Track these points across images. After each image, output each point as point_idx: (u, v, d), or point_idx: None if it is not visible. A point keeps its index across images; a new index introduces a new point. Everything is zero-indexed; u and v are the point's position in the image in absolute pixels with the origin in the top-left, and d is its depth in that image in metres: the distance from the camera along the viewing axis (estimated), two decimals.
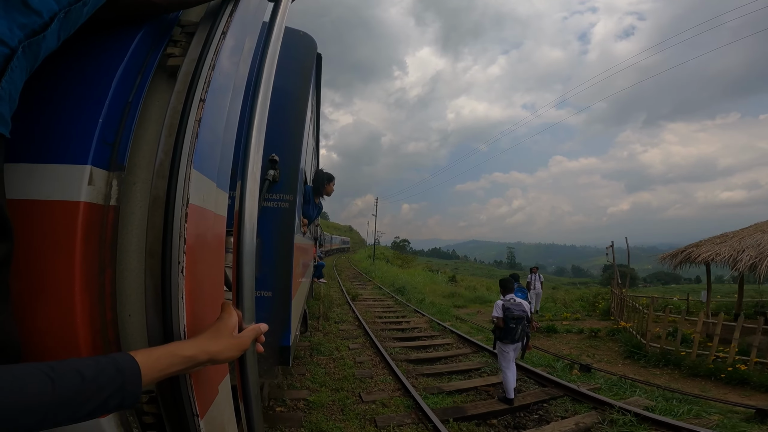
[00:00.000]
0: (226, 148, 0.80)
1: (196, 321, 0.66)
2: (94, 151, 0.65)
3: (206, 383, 0.75)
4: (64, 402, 0.44)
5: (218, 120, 0.78)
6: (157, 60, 0.78)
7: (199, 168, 0.68)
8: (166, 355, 0.55)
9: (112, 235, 0.65)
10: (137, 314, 0.68)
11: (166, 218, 0.62)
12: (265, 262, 1.58)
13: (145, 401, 0.73)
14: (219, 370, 0.81)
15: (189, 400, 0.69)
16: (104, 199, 0.65)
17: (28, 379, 0.42)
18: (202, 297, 0.71)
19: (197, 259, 0.67)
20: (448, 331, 7.95)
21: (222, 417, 0.82)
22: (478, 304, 13.70)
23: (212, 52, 0.76)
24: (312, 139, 3.15)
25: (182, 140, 0.66)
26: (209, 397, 0.76)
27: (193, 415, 0.70)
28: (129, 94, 0.73)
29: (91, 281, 0.63)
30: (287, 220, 1.73)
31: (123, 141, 0.69)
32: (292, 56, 1.79)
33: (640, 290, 28.09)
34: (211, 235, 0.73)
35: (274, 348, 1.74)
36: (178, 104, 0.71)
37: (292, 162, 1.75)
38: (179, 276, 0.62)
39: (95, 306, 0.64)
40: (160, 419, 0.74)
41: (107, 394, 0.47)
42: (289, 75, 1.74)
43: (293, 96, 1.77)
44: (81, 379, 0.45)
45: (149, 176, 0.67)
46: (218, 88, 0.78)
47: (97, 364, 0.48)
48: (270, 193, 1.63)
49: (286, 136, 1.72)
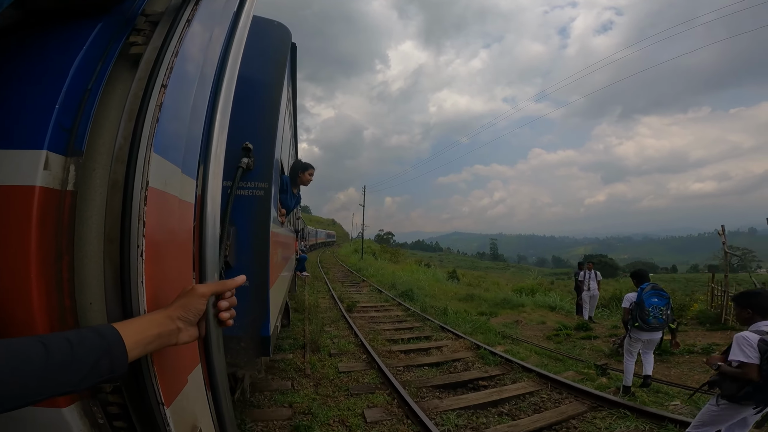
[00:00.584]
0: (194, 136, 0.80)
1: (158, 306, 0.66)
2: (50, 137, 0.64)
3: (173, 372, 0.74)
4: (59, 367, 0.46)
5: (183, 107, 0.78)
6: (119, 48, 0.77)
7: (161, 152, 0.68)
8: (136, 320, 0.59)
9: (70, 221, 0.64)
10: (98, 302, 0.67)
11: (125, 202, 0.62)
12: (241, 251, 1.56)
13: (109, 391, 0.72)
14: (188, 359, 0.80)
15: (153, 388, 0.68)
16: (61, 184, 0.64)
17: (24, 347, 0.44)
18: (166, 282, 0.70)
19: (159, 242, 0.67)
20: (517, 368, 4.59)
21: (193, 408, 0.80)
22: (508, 308, 10.07)
23: (176, 38, 0.76)
24: (289, 129, 3.15)
25: (142, 124, 0.66)
26: (176, 387, 0.75)
27: (157, 404, 0.69)
28: (88, 81, 0.72)
29: (48, 268, 0.62)
30: (263, 207, 1.73)
31: (81, 127, 0.68)
32: (266, 46, 1.79)
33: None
34: (175, 221, 0.72)
35: (254, 338, 1.73)
36: (139, 90, 0.71)
37: (266, 150, 1.75)
38: (138, 260, 0.61)
39: (53, 293, 0.63)
40: (125, 409, 0.73)
41: (95, 357, 0.50)
42: (263, 64, 1.74)
43: (267, 85, 1.78)
44: (69, 344, 0.48)
45: (108, 161, 0.67)
46: (183, 75, 0.78)
47: (79, 332, 0.51)
48: (244, 182, 1.62)
49: (259, 125, 1.72)
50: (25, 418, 0.66)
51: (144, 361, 0.66)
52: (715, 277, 8.60)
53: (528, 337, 7.05)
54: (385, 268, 19.91)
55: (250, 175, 1.59)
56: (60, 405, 0.66)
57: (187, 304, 0.63)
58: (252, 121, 1.66)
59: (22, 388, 0.43)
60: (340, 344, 5.66)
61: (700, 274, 24.34)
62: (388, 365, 4.67)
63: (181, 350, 0.77)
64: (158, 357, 0.69)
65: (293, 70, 2.60)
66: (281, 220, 2.66)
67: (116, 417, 0.74)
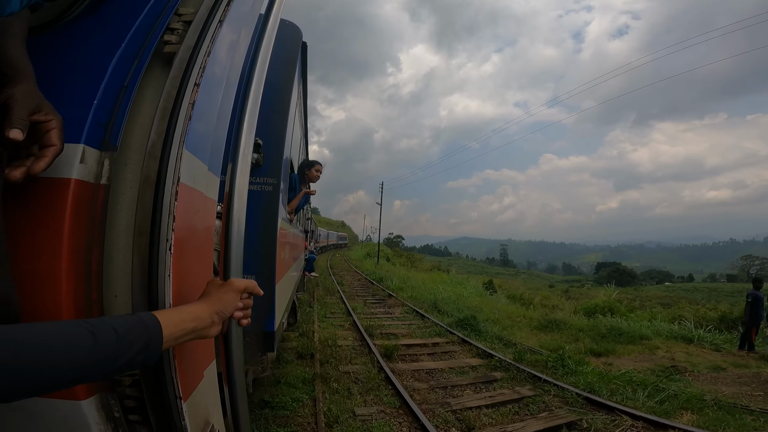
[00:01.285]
0: (219, 134, 0.81)
1: (182, 301, 0.67)
2: (87, 131, 0.66)
3: (191, 366, 0.75)
4: (102, 357, 0.46)
5: (212, 106, 0.79)
6: (153, 47, 0.79)
7: (191, 149, 0.70)
8: (177, 311, 0.59)
9: (102, 214, 0.66)
10: (123, 295, 0.68)
11: (156, 196, 0.63)
12: (249, 245, 1.58)
13: (128, 384, 0.72)
14: (205, 354, 0.80)
15: (172, 381, 0.68)
16: (95, 177, 0.66)
17: (75, 335, 0.45)
18: (189, 278, 0.71)
19: (185, 238, 0.68)
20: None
21: (206, 402, 0.81)
22: (623, 342, 6.76)
23: (209, 38, 0.77)
24: (299, 129, 3.19)
25: (175, 121, 0.67)
26: (193, 381, 0.76)
27: (176, 398, 0.70)
28: (125, 78, 0.74)
29: (78, 259, 0.63)
30: (271, 203, 1.75)
31: (116, 123, 0.70)
32: (277, 45, 1.84)
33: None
34: (200, 216, 0.74)
35: (258, 334, 1.73)
36: (173, 89, 0.73)
37: (275, 147, 1.78)
38: (167, 254, 0.62)
39: (81, 285, 0.64)
40: (142, 403, 0.73)
41: (135, 350, 0.50)
42: (273, 63, 1.78)
43: (277, 83, 1.82)
44: (116, 334, 0.48)
45: (141, 157, 0.68)
46: (213, 75, 0.79)
47: (126, 321, 0.51)
48: (253, 177, 1.65)
49: (269, 122, 1.75)
50: (42, 410, 0.67)
51: (166, 355, 0.67)
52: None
53: (737, 398, 3.89)
54: (410, 277, 15.50)
55: (259, 171, 1.62)
56: (79, 398, 0.67)
57: (224, 299, 0.64)
58: (262, 118, 1.68)
59: (62, 375, 0.43)
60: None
61: (721, 284, 23.70)
62: None
63: (198, 345, 0.78)
64: (179, 351, 0.70)
65: (304, 69, 2.64)
66: (290, 218, 2.68)
67: (132, 411, 0.74)
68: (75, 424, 0.69)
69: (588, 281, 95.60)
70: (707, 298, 16.77)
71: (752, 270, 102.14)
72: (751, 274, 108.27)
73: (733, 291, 14.44)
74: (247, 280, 0.68)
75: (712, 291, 27.06)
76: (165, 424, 0.73)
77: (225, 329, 0.71)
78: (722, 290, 17.02)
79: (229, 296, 0.65)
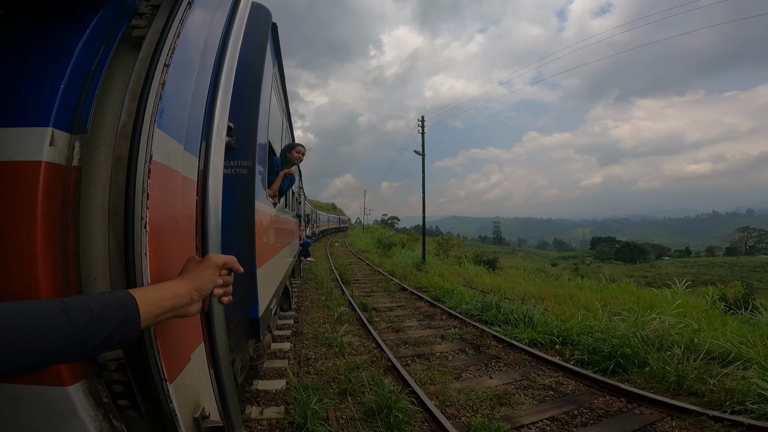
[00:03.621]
0: (196, 115, 0.81)
1: (161, 279, 0.66)
2: (55, 115, 0.66)
3: (175, 348, 0.74)
4: (77, 335, 0.46)
5: (185, 87, 0.79)
6: (121, 32, 0.79)
7: (164, 128, 0.69)
8: (155, 289, 0.58)
9: (75, 196, 0.65)
10: (102, 277, 0.68)
11: (129, 175, 0.63)
12: (227, 229, 1.57)
13: (113, 369, 0.72)
14: (191, 336, 0.80)
15: (156, 362, 0.68)
16: (66, 160, 0.65)
17: (46, 313, 0.44)
18: (169, 256, 0.71)
19: (163, 216, 0.68)
20: None
21: (196, 386, 0.81)
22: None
23: (178, 20, 0.77)
24: (279, 111, 3.17)
25: (145, 102, 0.67)
26: (179, 364, 0.76)
27: (161, 380, 0.69)
28: (92, 63, 0.74)
29: (54, 241, 0.63)
30: (247, 185, 1.74)
31: (86, 105, 0.70)
32: (246, 28, 1.83)
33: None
34: (178, 196, 0.73)
35: (243, 320, 1.72)
36: (142, 70, 0.72)
37: (248, 129, 1.78)
38: (142, 232, 0.62)
39: (58, 267, 0.64)
40: (129, 387, 0.73)
41: (112, 328, 0.49)
42: (243, 46, 1.78)
43: (247, 64, 1.81)
44: (90, 312, 0.47)
45: (112, 138, 0.68)
46: (185, 57, 0.79)
47: (102, 299, 0.50)
48: (227, 161, 1.65)
49: (240, 104, 1.74)
50: (29, 396, 0.67)
51: (148, 336, 0.67)
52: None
53: None
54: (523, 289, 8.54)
55: (232, 154, 1.61)
56: (65, 383, 0.67)
57: (203, 275, 0.64)
58: (234, 102, 1.67)
59: (37, 354, 0.42)
60: None
61: (741, 258, 22.55)
62: None
63: (184, 327, 0.78)
64: (161, 333, 0.70)
65: (277, 51, 2.63)
66: (274, 201, 2.66)
67: (120, 395, 0.74)
68: (63, 411, 0.68)
69: (586, 257, 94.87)
70: (730, 273, 16.11)
71: (750, 242, 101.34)
72: (749, 246, 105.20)
73: (755, 265, 13.62)
74: (226, 256, 0.68)
75: (733, 266, 25.82)
76: (154, 408, 0.73)
77: (206, 308, 0.71)
78: (743, 265, 16.39)
79: (208, 272, 0.64)
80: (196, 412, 0.81)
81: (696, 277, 23.39)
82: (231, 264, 0.68)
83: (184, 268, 0.66)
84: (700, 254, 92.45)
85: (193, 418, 0.80)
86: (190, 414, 0.79)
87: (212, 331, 0.73)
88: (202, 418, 0.82)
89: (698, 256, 77.99)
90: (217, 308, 0.72)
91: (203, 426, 0.80)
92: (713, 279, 21.65)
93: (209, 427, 0.81)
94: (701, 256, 79.57)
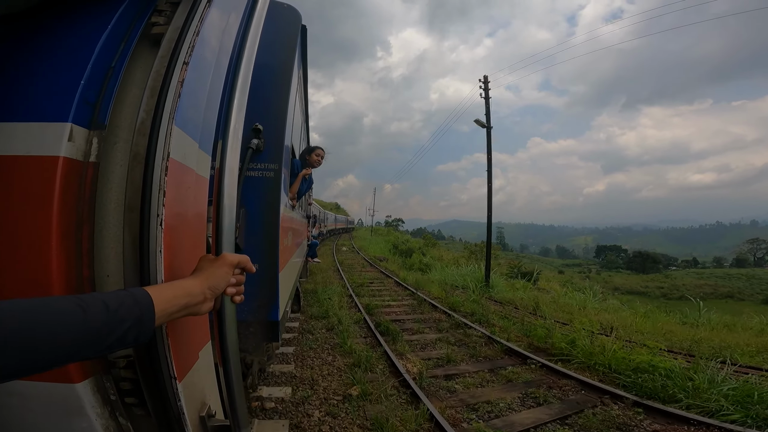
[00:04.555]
0: (210, 114, 0.81)
1: (174, 277, 0.66)
2: (75, 110, 0.66)
3: (185, 346, 0.74)
4: (93, 332, 0.45)
5: (202, 85, 0.79)
6: (141, 29, 0.79)
7: (182, 126, 0.69)
8: (169, 287, 0.58)
9: (91, 192, 0.65)
10: (115, 274, 0.68)
11: (146, 172, 0.63)
12: (251, 234, 1.56)
13: (122, 366, 0.72)
14: (200, 334, 0.80)
15: (166, 360, 0.68)
16: (84, 155, 0.66)
17: (63, 310, 0.43)
18: (182, 253, 0.71)
19: (177, 214, 0.68)
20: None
21: (203, 384, 0.81)
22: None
23: (197, 18, 0.77)
24: (300, 114, 3.16)
25: (164, 99, 0.67)
26: (189, 362, 0.75)
27: (170, 378, 0.69)
28: (112, 59, 0.74)
29: (68, 236, 0.63)
30: (273, 189, 1.73)
31: (105, 102, 0.70)
32: (276, 29, 1.81)
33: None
34: (192, 193, 0.73)
35: (263, 323, 1.71)
36: (161, 68, 0.73)
37: (276, 132, 1.76)
38: (158, 229, 0.62)
39: (72, 262, 0.64)
40: (137, 385, 0.73)
41: (127, 326, 0.48)
42: (273, 47, 1.75)
43: (277, 68, 1.80)
44: (106, 310, 0.47)
45: (130, 135, 0.68)
46: (203, 55, 0.79)
47: (117, 296, 0.50)
48: (254, 163, 1.63)
49: (270, 107, 1.73)
50: (38, 393, 0.66)
51: (159, 334, 0.66)
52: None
53: None
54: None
55: (260, 157, 1.60)
56: (74, 380, 0.67)
57: (217, 274, 0.63)
58: (262, 104, 1.66)
59: (53, 352, 0.42)
60: None
61: (759, 270, 21.04)
62: None
63: (193, 325, 0.78)
64: (172, 331, 0.69)
65: (304, 53, 2.61)
66: (293, 204, 2.65)
67: (127, 393, 0.74)
68: (71, 408, 0.68)
69: (590, 265, 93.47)
70: (749, 286, 15.45)
71: (759, 254, 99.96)
72: (758, 258, 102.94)
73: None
74: (239, 255, 0.68)
75: (750, 278, 23.77)
76: (161, 406, 0.73)
77: (218, 306, 0.70)
78: (761, 277, 15.51)
79: (222, 271, 0.64)
80: (202, 410, 0.80)
81: (714, 290, 22.63)
82: (244, 263, 0.68)
83: (198, 266, 0.65)
84: (706, 264, 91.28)
85: (200, 416, 0.79)
86: (196, 412, 0.79)
87: (223, 330, 0.73)
88: (208, 417, 0.81)
89: (705, 266, 77.00)
90: (228, 307, 0.72)
91: (209, 425, 0.80)
92: (732, 291, 20.92)
93: (215, 425, 0.81)
94: (708, 266, 78.57)
